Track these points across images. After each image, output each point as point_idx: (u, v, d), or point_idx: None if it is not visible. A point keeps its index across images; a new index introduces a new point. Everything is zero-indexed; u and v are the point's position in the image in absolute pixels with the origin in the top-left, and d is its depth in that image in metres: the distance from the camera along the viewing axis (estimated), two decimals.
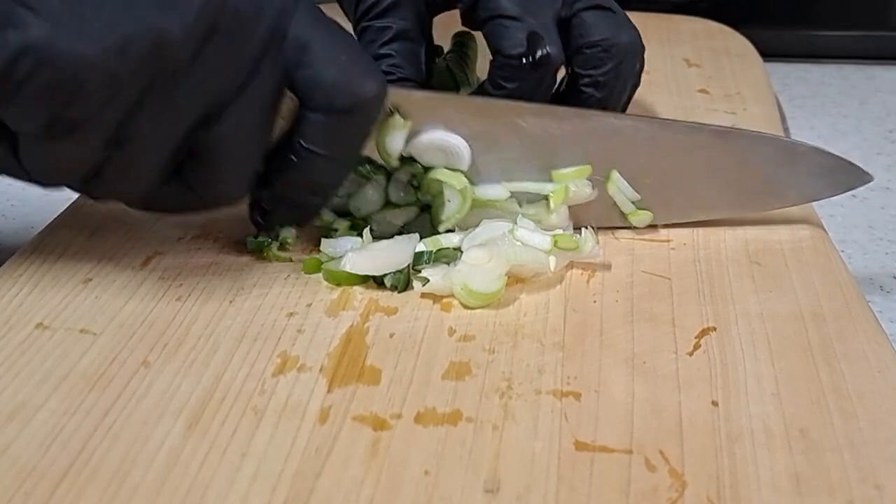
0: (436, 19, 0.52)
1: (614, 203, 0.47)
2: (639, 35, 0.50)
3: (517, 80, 0.47)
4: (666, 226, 0.48)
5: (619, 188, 0.47)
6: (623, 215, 0.48)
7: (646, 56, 0.51)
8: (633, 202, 0.47)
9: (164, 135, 0.39)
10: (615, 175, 0.47)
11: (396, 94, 0.44)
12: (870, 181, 0.47)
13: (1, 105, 0.36)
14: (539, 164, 0.47)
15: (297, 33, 0.40)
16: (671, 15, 0.81)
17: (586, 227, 0.46)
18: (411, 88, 0.48)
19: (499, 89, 0.48)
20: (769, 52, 0.76)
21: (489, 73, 0.49)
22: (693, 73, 0.69)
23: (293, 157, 0.42)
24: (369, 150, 0.44)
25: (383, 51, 0.49)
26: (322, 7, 0.43)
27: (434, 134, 0.45)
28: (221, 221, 0.49)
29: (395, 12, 0.49)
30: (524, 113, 0.46)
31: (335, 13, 0.45)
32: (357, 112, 0.42)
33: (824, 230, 0.49)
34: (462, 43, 0.56)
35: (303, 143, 0.42)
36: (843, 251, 0.52)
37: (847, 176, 0.47)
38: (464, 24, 0.53)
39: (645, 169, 0.47)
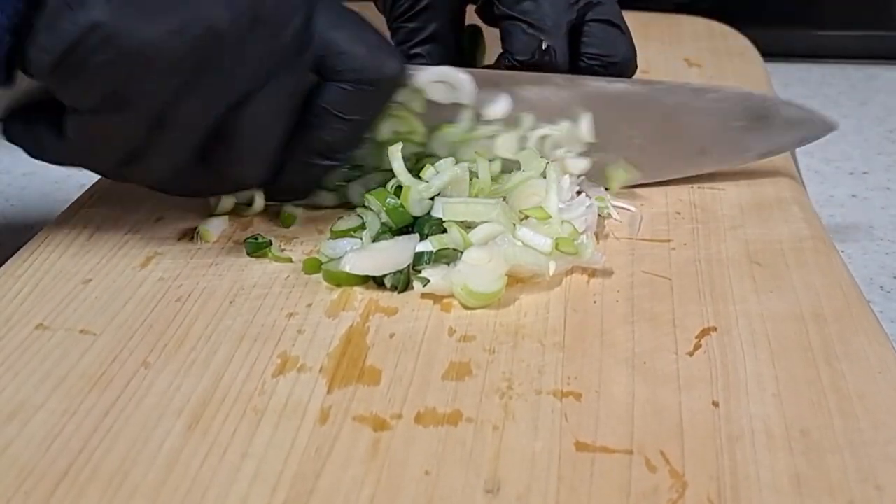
0: None
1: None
2: (635, 53, 0.53)
3: None
4: (650, 185, 0.52)
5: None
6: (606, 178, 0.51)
7: (647, 55, 0.51)
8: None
9: (203, 117, 0.42)
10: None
11: (412, 70, 0.47)
12: (835, 129, 0.52)
13: (63, 81, 0.40)
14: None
15: (325, 21, 0.44)
16: (672, 14, 0.81)
17: (587, 234, 0.46)
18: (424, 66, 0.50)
19: None
20: (770, 52, 0.76)
21: (495, 63, 0.51)
22: (694, 73, 0.69)
23: (312, 119, 0.45)
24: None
25: (415, 51, 0.51)
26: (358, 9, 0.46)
27: (437, 69, 0.48)
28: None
29: (428, 14, 0.52)
30: (524, 82, 0.49)
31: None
32: (380, 85, 0.45)
33: (824, 230, 0.49)
34: (471, 41, 0.56)
35: (325, 105, 0.45)
36: (843, 251, 0.52)
37: (815, 127, 0.52)
38: (479, 15, 0.54)
39: (633, 128, 0.51)
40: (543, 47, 0.49)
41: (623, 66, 0.52)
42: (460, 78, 0.48)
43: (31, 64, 0.40)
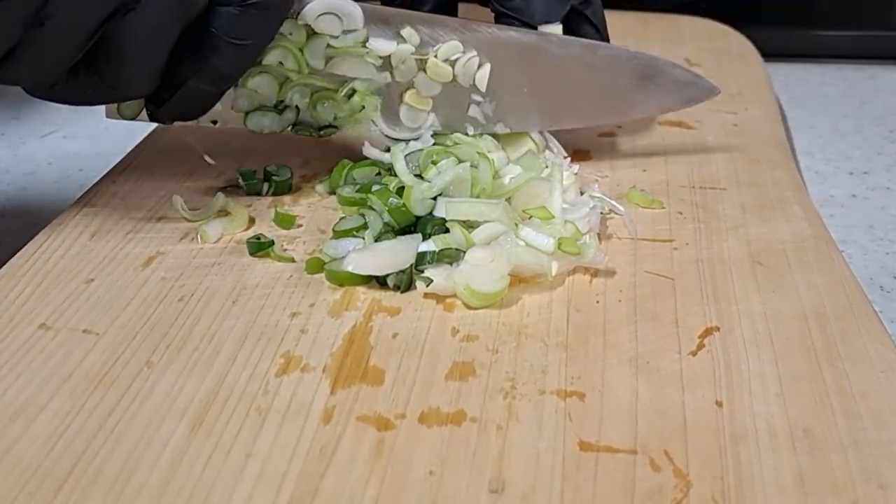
0: None
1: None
2: None
3: None
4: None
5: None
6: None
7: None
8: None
9: (83, 16, 0.41)
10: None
11: None
12: (717, 93, 0.54)
13: None
14: None
15: None
16: (672, 15, 0.81)
17: (589, 235, 0.46)
18: None
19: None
20: (770, 52, 0.76)
21: None
22: None
23: (201, 44, 0.45)
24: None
25: None
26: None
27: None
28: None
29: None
30: (414, 21, 0.50)
31: None
32: (266, 7, 0.45)
33: (826, 230, 0.49)
34: None
35: (213, 29, 0.44)
36: (843, 251, 0.52)
37: (700, 90, 0.54)
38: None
39: (523, 77, 0.52)
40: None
41: None
42: (349, 9, 0.48)
43: None
